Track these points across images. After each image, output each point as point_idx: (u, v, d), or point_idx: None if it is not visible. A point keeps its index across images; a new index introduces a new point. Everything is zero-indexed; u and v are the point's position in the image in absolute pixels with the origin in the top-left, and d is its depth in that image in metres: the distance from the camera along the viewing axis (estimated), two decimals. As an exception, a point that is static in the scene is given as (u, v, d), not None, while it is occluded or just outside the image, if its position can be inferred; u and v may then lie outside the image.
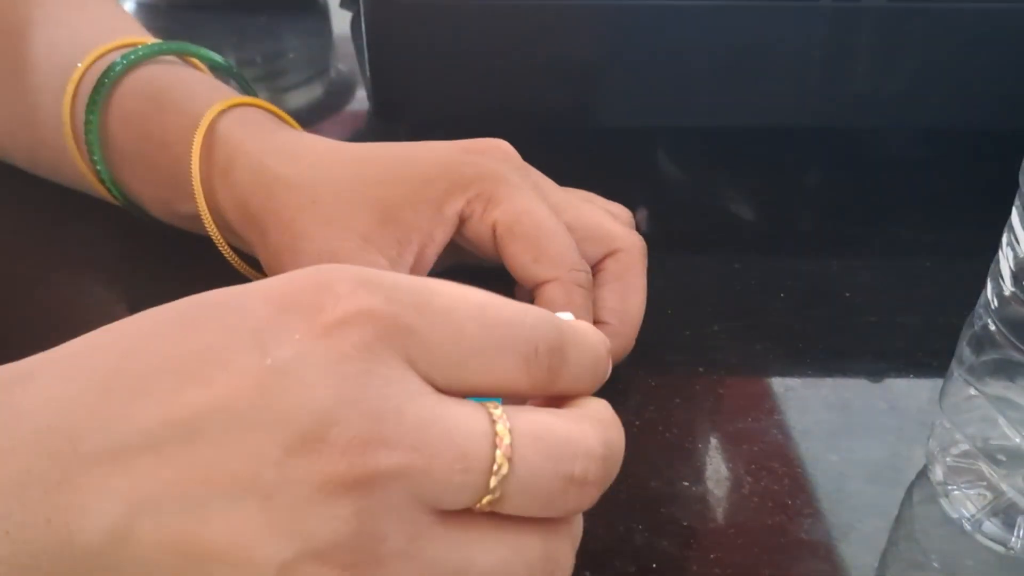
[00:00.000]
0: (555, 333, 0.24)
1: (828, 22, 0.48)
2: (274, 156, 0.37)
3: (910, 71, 0.49)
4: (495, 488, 0.22)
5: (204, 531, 0.21)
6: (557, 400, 0.26)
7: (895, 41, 0.49)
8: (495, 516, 0.23)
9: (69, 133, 0.40)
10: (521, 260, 0.35)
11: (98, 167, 0.40)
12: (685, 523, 0.33)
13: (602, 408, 0.25)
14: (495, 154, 0.36)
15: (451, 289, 0.24)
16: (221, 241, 0.38)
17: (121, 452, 0.21)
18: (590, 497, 0.24)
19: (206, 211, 0.37)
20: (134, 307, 0.24)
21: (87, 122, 0.39)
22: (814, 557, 0.32)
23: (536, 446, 0.22)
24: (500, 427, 0.22)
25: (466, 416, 0.22)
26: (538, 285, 0.35)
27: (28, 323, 0.40)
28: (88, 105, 0.39)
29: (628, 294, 0.37)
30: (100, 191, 0.42)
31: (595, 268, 0.37)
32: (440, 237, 0.35)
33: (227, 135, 0.38)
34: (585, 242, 0.36)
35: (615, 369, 0.38)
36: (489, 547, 0.23)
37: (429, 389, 0.22)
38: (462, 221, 0.35)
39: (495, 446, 0.22)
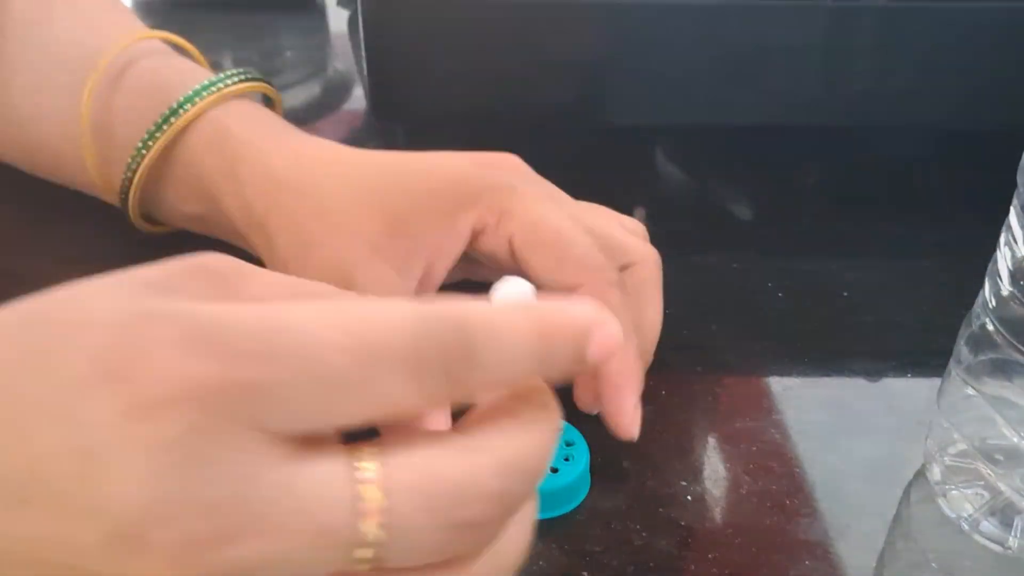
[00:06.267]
0: (451, 333, 0.20)
1: (828, 21, 0.48)
2: (280, 158, 0.37)
3: (909, 70, 0.49)
4: (366, 559, 0.19)
5: None
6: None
7: (894, 40, 0.48)
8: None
9: (87, 130, 0.40)
10: (544, 268, 0.33)
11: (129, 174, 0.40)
12: (683, 523, 0.33)
13: (524, 409, 0.22)
14: (505, 166, 0.36)
15: (310, 313, 0.20)
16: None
17: None
18: (488, 535, 0.21)
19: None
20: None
21: (143, 147, 0.39)
22: (812, 557, 0.32)
23: (417, 501, 0.20)
24: (370, 492, 0.19)
25: (325, 483, 0.19)
26: (566, 293, 0.33)
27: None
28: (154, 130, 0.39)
29: (644, 307, 0.36)
30: (101, 190, 0.41)
31: None
32: (452, 250, 0.34)
33: (234, 133, 0.38)
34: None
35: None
36: None
37: (278, 455, 0.19)
38: (475, 235, 0.34)
39: (360, 513, 0.19)
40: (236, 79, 0.39)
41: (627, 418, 0.32)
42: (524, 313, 0.21)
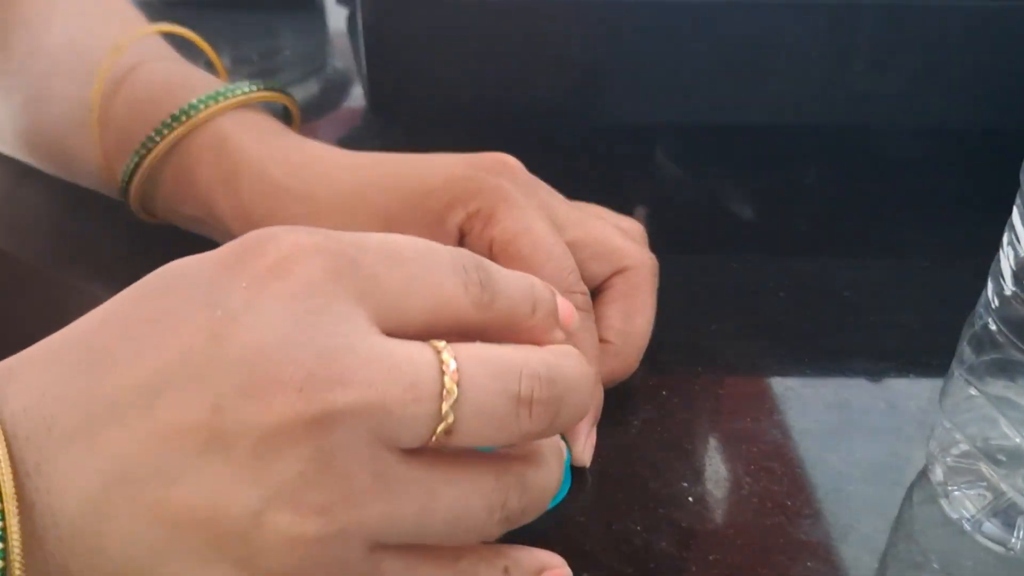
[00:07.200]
0: (470, 254, 0.25)
1: (828, 20, 0.48)
2: (277, 165, 0.37)
3: (910, 70, 0.49)
4: (447, 413, 0.23)
5: (174, 495, 0.21)
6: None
7: (895, 40, 0.48)
8: (451, 455, 0.24)
9: (95, 121, 0.40)
10: None
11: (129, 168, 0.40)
12: (684, 524, 0.33)
13: (559, 347, 0.26)
14: (500, 170, 0.36)
15: (378, 234, 0.25)
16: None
17: (90, 428, 0.21)
18: (540, 419, 0.24)
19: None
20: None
21: (150, 140, 0.39)
22: (813, 558, 0.32)
23: (482, 368, 0.23)
24: (446, 355, 0.23)
25: (413, 349, 0.23)
26: None
27: (30, 321, 0.39)
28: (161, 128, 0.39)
29: (633, 314, 0.36)
30: (100, 179, 0.41)
31: (602, 285, 0.36)
32: None
33: (233, 141, 0.38)
34: (593, 259, 0.36)
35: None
36: (450, 481, 0.23)
37: (376, 331, 0.23)
38: (462, 236, 0.35)
39: (443, 372, 0.23)
40: (247, 90, 0.39)
41: (578, 445, 0.33)
42: (517, 271, 0.27)
